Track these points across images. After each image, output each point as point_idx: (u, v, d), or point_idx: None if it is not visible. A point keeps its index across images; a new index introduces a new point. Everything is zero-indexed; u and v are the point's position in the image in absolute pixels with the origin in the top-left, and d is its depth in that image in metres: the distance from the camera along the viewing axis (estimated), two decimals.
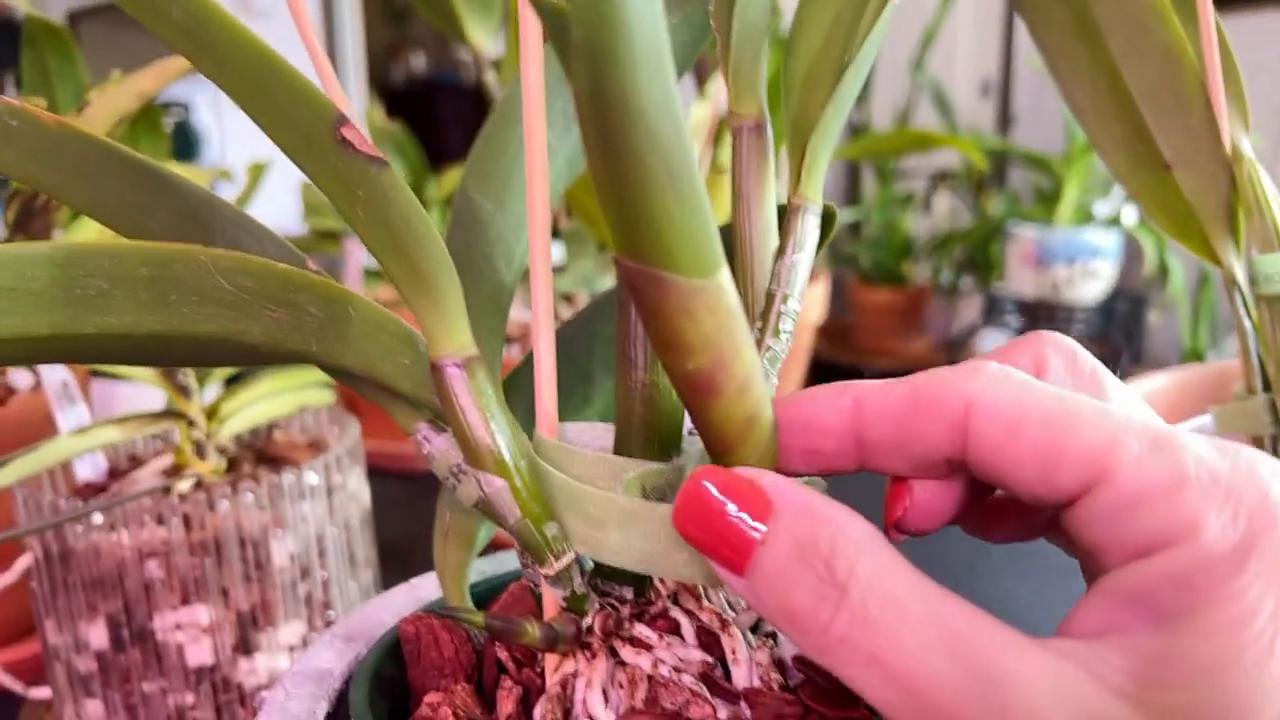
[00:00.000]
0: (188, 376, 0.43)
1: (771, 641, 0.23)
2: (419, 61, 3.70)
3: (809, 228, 0.21)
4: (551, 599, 0.20)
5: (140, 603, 0.38)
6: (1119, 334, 1.61)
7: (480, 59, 0.52)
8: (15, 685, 0.45)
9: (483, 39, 0.51)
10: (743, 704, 0.20)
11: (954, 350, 1.88)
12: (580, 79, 0.14)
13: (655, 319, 0.17)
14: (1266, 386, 0.36)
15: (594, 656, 0.21)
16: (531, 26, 0.20)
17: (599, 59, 0.14)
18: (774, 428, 0.18)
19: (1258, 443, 0.37)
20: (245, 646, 0.40)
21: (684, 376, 0.17)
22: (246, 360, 0.22)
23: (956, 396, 0.18)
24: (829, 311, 1.02)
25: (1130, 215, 1.30)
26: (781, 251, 0.21)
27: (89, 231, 0.57)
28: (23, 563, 0.39)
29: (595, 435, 0.21)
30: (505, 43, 0.53)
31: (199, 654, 0.39)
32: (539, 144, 0.19)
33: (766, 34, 0.23)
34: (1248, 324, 0.36)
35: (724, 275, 0.16)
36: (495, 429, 0.19)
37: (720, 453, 0.18)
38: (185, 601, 0.39)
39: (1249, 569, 0.15)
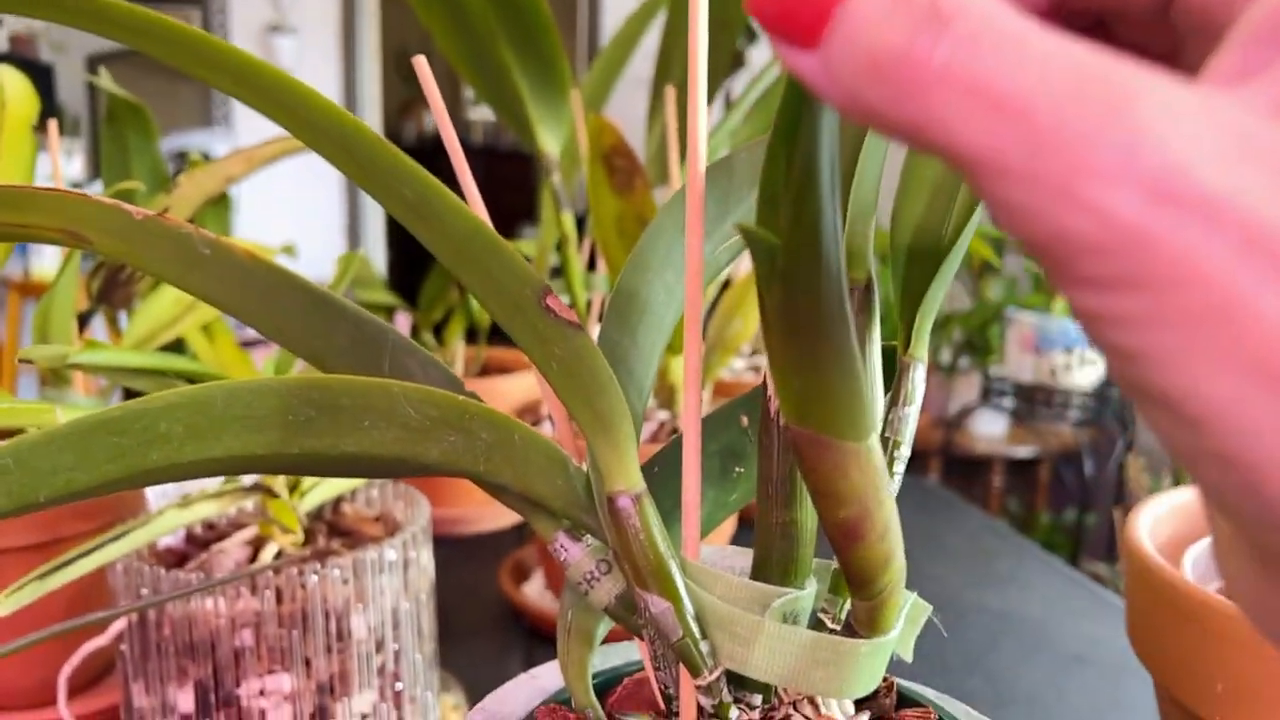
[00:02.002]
0: None
1: None
2: (429, 120, 3.79)
3: (917, 381, 0.25)
4: (690, 703, 0.23)
5: (229, 669, 0.41)
6: (1114, 421, 1.67)
7: (549, 162, 0.56)
8: None
9: (552, 146, 0.56)
10: None
11: (951, 428, 1.91)
12: (776, 291, 0.18)
13: (814, 474, 0.20)
14: None
15: None
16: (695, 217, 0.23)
17: (797, 281, 0.17)
18: (903, 567, 0.22)
19: None
20: (322, 714, 0.42)
21: (834, 523, 0.20)
22: (418, 474, 0.25)
23: None
24: None
25: None
26: (894, 403, 0.25)
27: (165, 301, 0.59)
28: (117, 628, 0.42)
29: (724, 556, 0.25)
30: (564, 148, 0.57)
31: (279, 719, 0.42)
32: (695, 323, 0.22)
33: (875, 208, 0.26)
34: None
35: (874, 439, 0.20)
36: (660, 557, 0.22)
37: (859, 585, 0.21)
38: (270, 670, 0.41)
39: None
